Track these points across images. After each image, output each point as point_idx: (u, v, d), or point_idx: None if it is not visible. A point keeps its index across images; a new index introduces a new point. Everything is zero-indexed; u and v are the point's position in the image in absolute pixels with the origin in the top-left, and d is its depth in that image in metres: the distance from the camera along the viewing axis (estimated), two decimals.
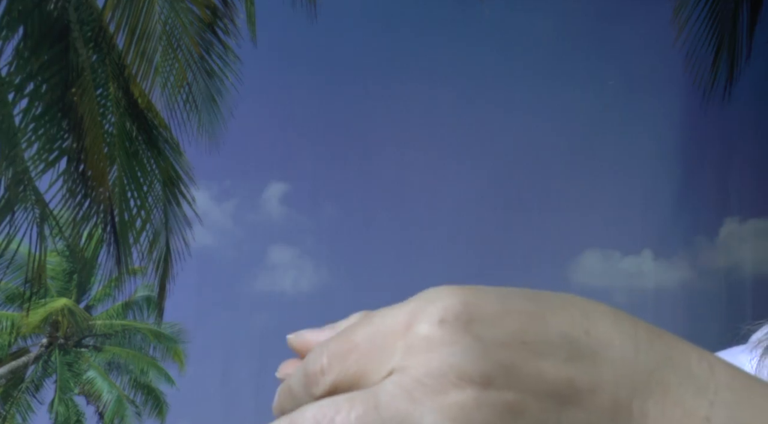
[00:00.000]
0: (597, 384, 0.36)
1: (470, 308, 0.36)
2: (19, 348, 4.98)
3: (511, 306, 0.37)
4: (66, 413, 5.02)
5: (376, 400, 0.35)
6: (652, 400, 0.37)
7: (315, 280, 4.35)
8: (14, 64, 4.05)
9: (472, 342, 0.36)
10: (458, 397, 0.35)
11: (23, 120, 4.07)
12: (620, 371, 0.37)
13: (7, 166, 4.04)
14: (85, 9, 4.11)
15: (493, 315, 0.36)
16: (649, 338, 0.38)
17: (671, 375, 0.37)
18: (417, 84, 4.28)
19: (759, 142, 4.26)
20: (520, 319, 0.37)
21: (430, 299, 0.37)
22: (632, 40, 4.29)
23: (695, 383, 0.37)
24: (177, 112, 4.21)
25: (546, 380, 0.36)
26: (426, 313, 0.36)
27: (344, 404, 0.35)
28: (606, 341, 0.37)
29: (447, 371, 0.35)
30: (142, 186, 4.21)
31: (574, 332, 0.37)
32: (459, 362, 0.35)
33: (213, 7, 4.21)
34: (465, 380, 0.35)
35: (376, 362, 0.37)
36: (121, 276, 4.37)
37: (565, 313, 0.37)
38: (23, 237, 4.15)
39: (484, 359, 0.35)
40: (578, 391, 0.36)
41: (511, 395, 0.35)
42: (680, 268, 4.24)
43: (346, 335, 0.38)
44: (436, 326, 0.36)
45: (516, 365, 0.36)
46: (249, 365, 4.25)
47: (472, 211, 4.21)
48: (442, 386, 0.35)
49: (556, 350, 0.36)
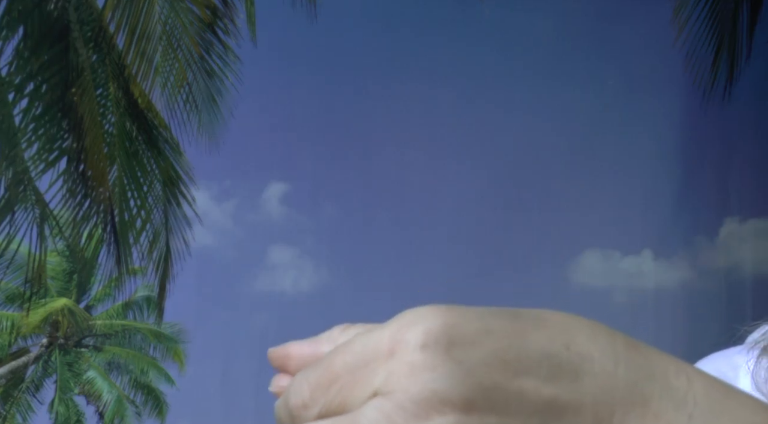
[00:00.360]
0: (579, 402, 0.37)
1: (450, 331, 0.36)
2: (19, 348, 4.98)
3: (490, 325, 0.37)
4: (66, 413, 5.02)
5: None
6: (633, 414, 0.37)
7: (315, 280, 4.35)
8: (14, 64, 4.05)
9: (454, 366, 0.36)
10: (441, 422, 0.35)
11: (23, 120, 4.07)
12: (601, 386, 0.37)
13: (7, 166, 4.04)
14: (85, 9, 4.11)
15: (473, 336, 0.37)
16: (627, 351, 0.38)
17: (651, 388, 0.38)
18: (417, 84, 4.28)
19: (759, 142, 4.26)
20: (499, 337, 0.37)
21: (411, 322, 0.37)
22: (632, 40, 4.29)
23: (674, 395, 0.38)
24: (177, 112, 4.21)
25: (528, 400, 0.36)
26: (407, 338, 0.36)
27: None
28: (586, 354, 0.37)
29: (429, 397, 0.35)
30: (142, 186, 4.21)
31: (554, 347, 0.37)
32: (440, 387, 0.35)
33: (213, 7, 4.21)
34: (447, 404, 0.35)
35: (358, 390, 0.37)
36: (121, 276, 4.37)
37: (544, 329, 0.38)
38: (23, 237, 4.15)
39: (465, 383, 0.35)
40: (561, 409, 0.36)
41: (493, 418, 0.35)
42: (680, 268, 4.24)
43: (326, 365, 0.38)
44: (418, 352, 0.36)
45: (497, 387, 0.36)
46: (249, 365, 4.25)
47: (472, 211, 4.21)
48: (424, 411, 0.35)
49: (536, 368, 0.37)
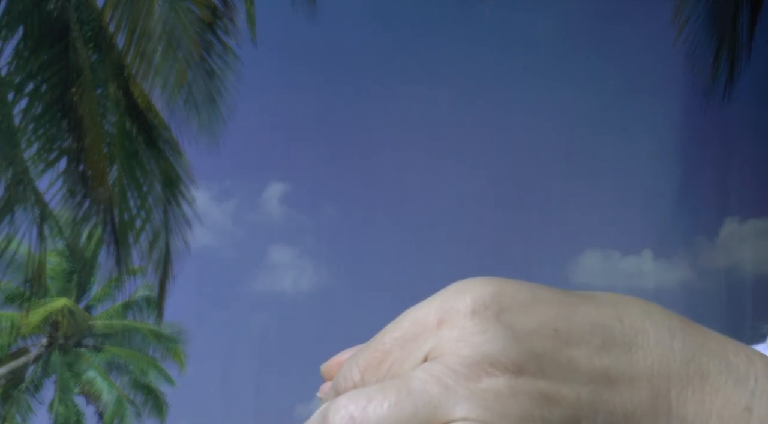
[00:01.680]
0: (633, 373, 0.36)
1: (500, 298, 0.36)
2: (19, 348, 4.97)
3: (540, 295, 0.37)
4: (66, 413, 5.01)
5: (408, 387, 0.35)
6: (691, 388, 0.36)
7: (315, 280, 4.35)
8: (14, 64, 4.05)
9: (505, 330, 0.35)
10: (492, 384, 0.34)
11: (23, 120, 4.07)
12: (657, 360, 0.36)
13: (7, 166, 4.04)
14: (85, 9, 4.11)
15: (524, 304, 0.36)
16: (682, 328, 0.38)
17: (709, 363, 0.37)
18: (417, 84, 4.29)
19: (759, 142, 4.26)
20: (550, 307, 0.36)
21: (460, 291, 0.37)
22: (632, 40, 4.29)
23: (734, 372, 0.37)
24: (177, 112, 4.21)
25: (580, 369, 0.35)
26: (456, 306, 0.36)
27: (376, 394, 0.35)
28: (640, 328, 0.37)
29: (479, 359, 0.35)
30: (142, 186, 4.21)
31: (606, 319, 0.36)
32: (491, 349, 0.35)
33: (213, 7, 4.21)
34: (497, 367, 0.35)
35: (409, 362, 0.37)
36: (121, 276, 4.37)
37: (595, 302, 0.37)
38: (23, 237, 4.15)
39: (515, 347, 0.35)
40: (614, 380, 0.36)
41: (544, 383, 0.35)
42: (680, 268, 4.24)
43: (375, 344, 0.38)
44: (468, 317, 0.36)
45: (548, 353, 0.35)
46: (249, 365, 4.25)
47: (472, 211, 4.21)
48: (475, 373, 0.35)
49: (588, 338, 0.36)
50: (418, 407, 0.34)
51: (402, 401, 0.34)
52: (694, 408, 0.36)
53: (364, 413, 0.34)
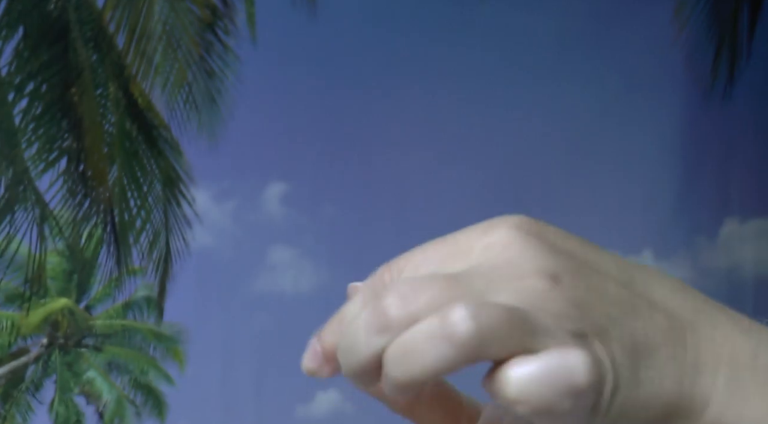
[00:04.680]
0: (653, 307, 0.39)
1: (538, 225, 0.40)
2: (19, 348, 4.98)
3: (570, 235, 0.41)
4: (66, 413, 5.02)
5: (456, 280, 0.37)
6: (703, 331, 0.39)
7: (315, 280, 4.35)
8: (14, 64, 4.05)
9: (545, 244, 0.39)
10: (533, 283, 0.37)
11: (23, 120, 4.07)
12: (670, 304, 0.39)
13: (7, 166, 4.05)
14: (84, 9, 4.11)
15: (561, 234, 0.40)
16: (687, 288, 0.41)
17: (717, 318, 0.40)
18: (417, 84, 4.28)
19: (759, 142, 4.26)
20: (581, 243, 0.40)
21: (499, 219, 0.40)
22: (632, 40, 4.29)
23: (739, 326, 0.40)
24: (177, 112, 4.21)
25: (608, 294, 0.38)
26: (501, 222, 0.40)
27: (424, 281, 0.37)
28: (656, 279, 0.40)
29: (523, 264, 0.37)
30: (142, 186, 4.21)
31: (627, 266, 0.40)
32: (534, 257, 0.38)
33: (213, 7, 4.21)
34: (539, 272, 0.37)
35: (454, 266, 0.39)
36: (121, 276, 4.37)
37: (615, 257, 0.41)
38: (23, 237, 4.15)
39: (555, 259, 0.38)
40: (637, 309, 0.39)
41: (579, 293, 0.37)
42: (681, 268, 4.24)
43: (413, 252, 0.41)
44: (513, 229, 0.39)
45: (582, 274, 0.38)
46: (249, 365, 4.25)
47: (472, 211, 4.21)
48: (518, 273, 0.37)
49: (615, 274, 0.39)
50: (465, 294, 0.36)
51: (450, 287, 0.36)
52: (706, 349, 0.39)
53: (415, 294, 0.36)
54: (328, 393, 4.38)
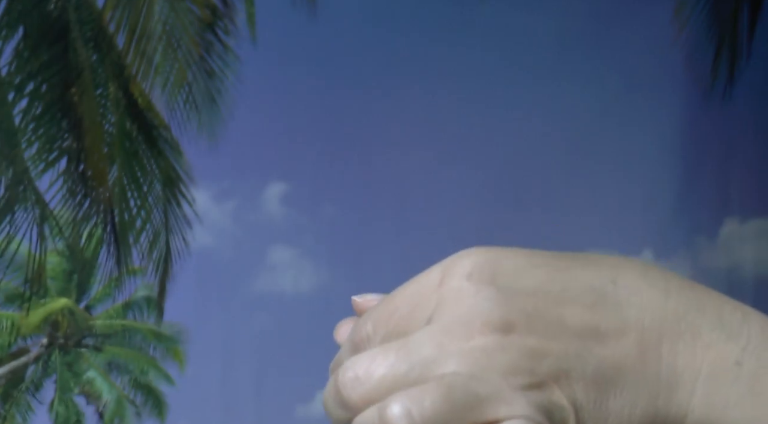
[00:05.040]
0: (623, 327, 0.37)
1: (496, 263, 0.38)
2: (19, 348, 4.98)
3: (536, 261, 0.39)
4: (66, 413, 5.02)
5: (406, 348, 0.37)
6: (682, 343, 0.38)
7: (315, 280, 4.35)
8: (14, 64, 4.05)
9: (497, 292, 0.37)
10: (481, 341, 0.36)
11: (23, 120, 4.07)
12: (648, 316, 0.38)
13: (7, 166, 4.05)
14: (84, 9, 4.11)
15: (518, 269, 0.38)
16: (679, 288, 0.39)
17: (702, 320, 0.38)
18: (417, 84, 4.28)
19: (759, 142, 4.26)
20: (545, 271, 0.38)
21: (460, 256, 0.39)
22: (632, 40, 4.29)
23: (727, 329, 0.39)
24: (177, 112, 4.21)
25: (569, 325, 0.37)
26: (455, 270, 0.39)
27: (379, 355, 0.37)
28: (634, 288, 0.38)
29: (472, 319, 0.37)
30: (142, 186, 4.21)
31: (600, 282, 0.38)
32: (483, 310, 0.37)
33: (213, 7, 4.21)
34: (489, 326, 0.36)
35: (415, 320, 0.39)
36: (121, 276, 4.37)
37: (591, 266, 0.39)
38: (23, 237, 4.15)
39: (506, 306, 0.37)
40: (602, 335, 0.37)
41: (533, 339, 0.36)
42: (681, 268, 4.24)
43: (387, 300, 0.41)
44: (464, 280, 0.38)
45: (538, 312, 0.37)
46: (249, 365, 4.25)
47: (472, 211, 4.21)
48: (468, 332, 0.36)
49: (580, 299, 0.38)
50: (413, 364, 0.36)
51: (399, 360, 0.36)
52: (684, 361, 0.38)
53: (367, 373, 0.37)
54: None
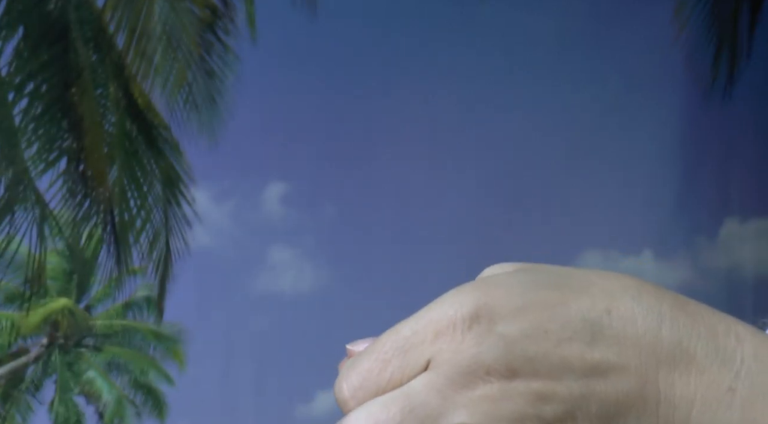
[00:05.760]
0: (623, 364, 0.38)
1: (491, 308, 0.38)
2: (19, 348, 4.98)
3: (531, 299, 0.39)
4: (66, 414, 5.01)
5: (409, 400, 0.36)
6: (678, 372, 0.38)
7: (315, 280, 4.35)
8: (14, 64, 4.05)
9: (497, 340, 0.37)
10: (487, 390, 0.36)
11: (23, 120, 4.07)
12: (645, 347, 0.38)
13: (7, 166, 4.04)
14: (85, 9, 4.11)
15: (514, 310, 0.38)
16: (672, 311, 0.39)
17: (695, 346, 0.39)
18: (417, 84, 4.28)
19: (759, 142, 4.26)
20: (540, 310, 0.38)
21: (454, 302, 0.38)
22: (632, 40, 4.29)
23: (721, 354, 0.39)
24: (177, 112, 4.21)
25: (573, 365, 0.37)
26: (451, 319, 0.38)
27: (379, 409, 0.36)
28: (629, 317, 0.39)
29: (475, 368, 0.37)
30: (142, 186, 4.21)
31: (595, 313, 0.38)
32: (485, 358, 0.37)
33: (213, 7, 4.21)
34: (492, 374, 0.36)
35: (409, 371, 0.38)
36: (121, 276, 4.37)
37: (586, 296, 0.39)
38: (23, 237, 4.15)
39: (508, 352, 0.37)
40: (605, 371, 0.38)
41: (537, 383, 0.37)
42: (681, 268, 4.24)
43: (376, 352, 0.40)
44: (462, 331, 0.37)
45: (540, 355, 0.37)
46: (249, 365, 4.25)
47: (472, 211, 4.21)
48: (472, 381, 0.36)
49: (579, 335, 0.38)
50: (421, 418, 0.35)
51: (405, 414, 0.35)
52: (680, 391, 0.38)
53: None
54: (328, 393, 4.37)
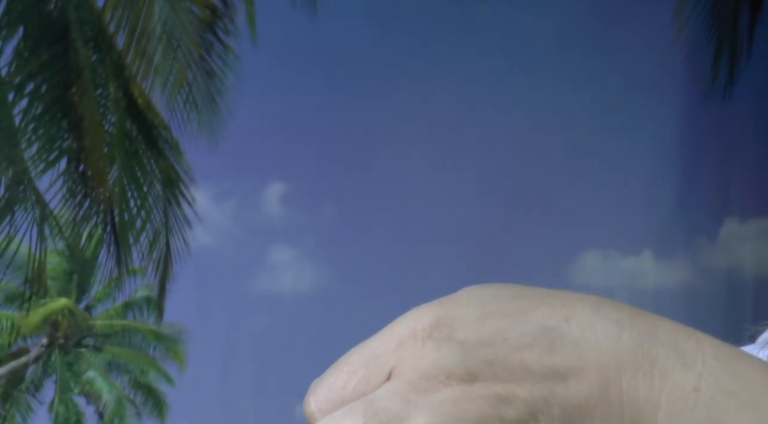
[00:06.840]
0: (582, 366, 0.38)
1: (452, 319, 0.39)
2: (19, 348, 4.98)
3: (490, 310, 0.40)
4: (66, 414, 5.02)
5: (373, 407, 0.37)
6: (641, 374, 0.39)
7: (315, 280, 4.35)
8: (14, 64, 4.05)
9: (457, 346, 0.38)
10: (448, 393, 0.37)
11: (23, 120, 4.07)
12: (606, 351, 0.39)
13: (7, 166, 4.05)
14: (85, 9, 4.11)
15: (474, 321, 0.39)
16: (631, 319, 0.40)
17: (657, 350, 0.39)
18: (417, 84, 4.28)
19: (759, 142, 4.27)
20: (500, 319, 0.39)
21: (415, 316, 0.40)
22: (632, 40, 4.29)
23: (682, 356, 0.40)
24: (177, 112, 4.21)
25: (531, 370, 0.38)
26: (413, 330, 0.39)
27: (343, 417, 0.37)
28: (587, 324, 0.39)
29: (436, 373, 0.37)
30: (142, 186, 4.21)
31: (554, 321, 0.39)
32: (445, 363, 0.38)
33: (213, 7, 4.21)
34: (452, 378, 0.37)
35: (373, 381, 0.39)
36: (121, 276, 4.38)
37: (545, 306, 0.39)
38: (23, 237, 4.15)
39: (468, 357, 0.38)
40: (565, 375, 0.38)
41: (498, 386, 0.37)
42: (681, 268, 4.25)
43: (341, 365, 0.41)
44: (423, 339, 0.39)
45: (499, 360, 0.38)
46: (249, 365, 4.25)
47: (472, 211, 4.22)
48: (434, 385, 0.37)
49: (538, 341, 0.39)
50: (384, 422, 0.36)
51: (368, 418, 0.36)
52: (644, 393, 0.38)
53: None
54: None
